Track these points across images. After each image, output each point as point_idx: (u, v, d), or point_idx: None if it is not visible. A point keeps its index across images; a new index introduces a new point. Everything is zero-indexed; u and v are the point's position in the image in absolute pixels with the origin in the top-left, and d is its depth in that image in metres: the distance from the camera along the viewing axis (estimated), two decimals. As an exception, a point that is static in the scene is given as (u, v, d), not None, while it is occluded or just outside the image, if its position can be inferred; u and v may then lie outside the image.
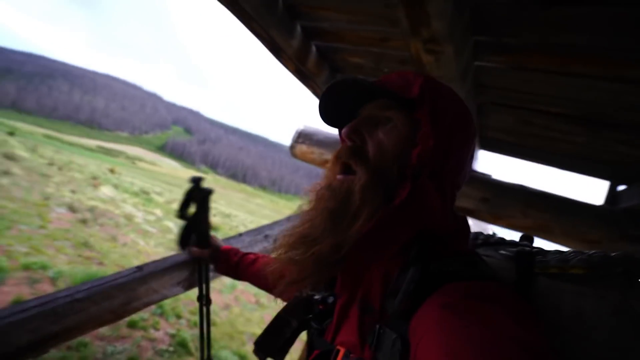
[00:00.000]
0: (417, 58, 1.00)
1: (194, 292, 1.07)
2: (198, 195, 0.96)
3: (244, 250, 1.06)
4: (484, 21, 0.97)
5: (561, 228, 1.75)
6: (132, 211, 9.65)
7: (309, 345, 0.59)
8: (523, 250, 0.54)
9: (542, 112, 1.36)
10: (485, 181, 2.04)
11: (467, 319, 0.37)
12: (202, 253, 1.04)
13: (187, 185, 0.98)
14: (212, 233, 1.04)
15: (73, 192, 9.13)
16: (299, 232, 0.54)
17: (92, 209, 7.90)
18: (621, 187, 1.85)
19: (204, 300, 1.06)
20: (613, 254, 0.47)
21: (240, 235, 1.28)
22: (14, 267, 3.76)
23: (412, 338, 0.42)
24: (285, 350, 0.62)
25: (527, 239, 0.61)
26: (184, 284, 1.03)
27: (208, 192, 0.98)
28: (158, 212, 10.91)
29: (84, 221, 6.83)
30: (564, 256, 0.50)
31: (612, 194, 1.92)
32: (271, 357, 0.62)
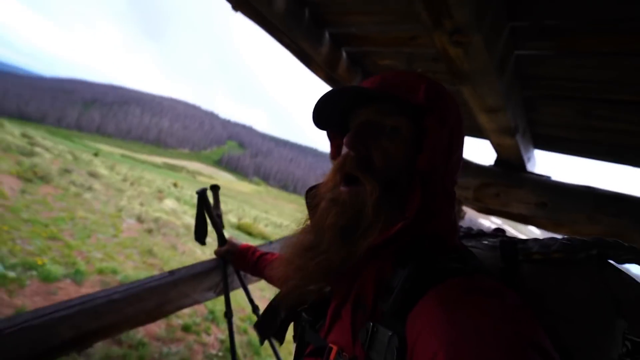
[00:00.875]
0: (444, 53, 0.94)
1: (242, 299, 1.10)
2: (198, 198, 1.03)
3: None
4: (519, 4, 0.88)
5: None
6: (191, 222, 10.38)
7: (299, 337, 0.59)
8: (506, 240, 0.56)
9: (604, 100, 1.18)
10: (542, 183, 1.83)
11: (466, 312, 0.38)
12: (220, 251, 1.09)
13: (238, 196, 1.05)
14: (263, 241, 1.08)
15: (141, 204, 10.15)
16: (303, 241, 0.54)
17: (156, 220, 8.67)
18: None
19: (253, 308, 1.08)
20: (589, 238, 0.49)
21: (271, 243, 1.29)
22: (90, 271, 4.26)
23: (409, 335, 0.41)
24: (283, 332, 0.64)
25: (500, 231, 0.66)
26: (215, 289, 1.06)
27: (203, 190, 1.04)
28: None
29: (149, 231, 7.53)
30: (544, 243, 0.52)
31: None
32: (272, 337, 0.65)
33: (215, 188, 1.11)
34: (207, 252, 7.86)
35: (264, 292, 5.42)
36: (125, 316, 0.80)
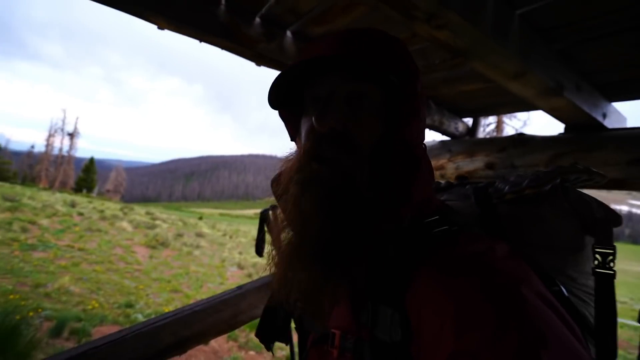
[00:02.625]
0: (434, 39, 0.98)
1: None
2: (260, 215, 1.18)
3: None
4: (493, -29, 0.89)
5: None
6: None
7: (299, 327, 0.58)
8: (477, 186, 0.57)
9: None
10: (631, 137, 1.55)
11: (463, 278, 0.38)
12: None
13: None
14: None
15: (240, 253, 11.26)
16: (291, 244, 0.47)
17: (254, 265, 9.49)
18: None
19: None
20: (550, 168, 0.52)
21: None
22: (206, 316, 4.90)
23: (410, 309, 0.40)
24: (285, 334, 0.62)
25: (464, 178, 0.67)
26: (282, 299, 1.19)
27: (265, 209, 1.18)
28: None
29: (249, 275, 8.27)
30: (513, 182, 0.53)
31: None
32: (276, 341, 0.63)
33: (274, 208, 1.28)
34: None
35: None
36: (209, 325, 0.98)
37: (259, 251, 1.28)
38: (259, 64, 1.47)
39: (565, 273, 0.47)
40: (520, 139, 1.91)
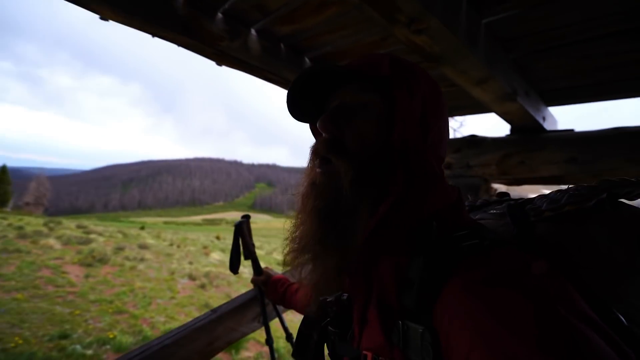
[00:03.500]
0: (410, 43, 0.98)
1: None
2: (234, 228, 1.09)
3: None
4: (467, -21, 0.91)
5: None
6: (239, 269, 10.65)
7: (332, 352, 0.57)
8: (512, 204, 0.54)
9: (597, 37, 1.14)
10: (565, 138, 1.74)
11: (494, 297, 0.36)
12: (256, 280, 1.12)
13: (278, 234, 1.14)
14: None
15: (191, 263, 10.58)
16: (295, 237, 0.53)
17: (207, 274, 8.98)
18: None
19: (287, 335, 1.11)
20: (594, 183, 0.47)
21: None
22: (156, 334, 4.47)
23: (439, 327, 0.39)
24: (319, 355, 0.62)
25: (504, 194, 0.63)
26: (259, 319, 1.10)
27: (238, 223, 1.10)
28: (261, 264, 11.82)
29: (202, 286, 7.80)
30: (551, 198, 0.50)
31: None
32: None
33: (246, 217, 1.18)
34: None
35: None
36: (180, 359, 0.86)
37: (234, 267, 1.17)
38: (220, 63, 1.36)
39: (624, 299, 0.42)
40: (474, 140, 2.04)
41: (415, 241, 0.46)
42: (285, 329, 1.10)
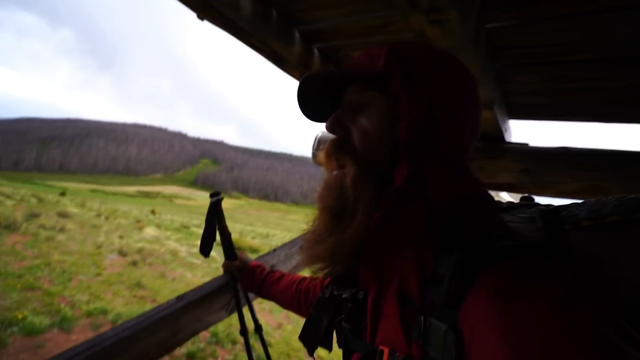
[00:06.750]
0: (421, 33, 0.94)
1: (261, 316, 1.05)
2: (210, 206, 0.99)
3: (282, 265, 1.03)
4: (486, -22, 0.90)
5: (618, 184, 1.57)
6: (176, 247, 10.09)
7: (344, 347, 0.56)
8: (545, 209, 0.51)
9: (571, 62, 1.23)
10: (522, 151, 1.89)
11: (524, 301, 0.35)
12: (229, 265, 1.04)
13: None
14: (251, 254, 1.03)
15: (121, 237, 9.72)
16: (312, 229, 0.55)
17: (140, 251, 8.34)
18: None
19: (256, 327, 1.04)
20: (638, 195, 0.45)
21: (275, 250, 1.25)
22: (78, 316, 4.02)
23: (463, 327, 0.38)
24: (328, 340, 0.62)
25: (529, 199, 0.61)
26: (227, 307, 1.02)
27: (215, 200, 0.99)
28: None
29: (134, 263, 7.22)
30: (591, 207, 0.47)
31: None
32: (319, 346, 0.62)
33: (217, 194, 1.05)
34: (198, 274, 7.63)
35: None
36: (137, 353, 0.74)
37: (205, 250, 1.04)
38: (202, 16, 1.19)
39: None
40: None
41: (442, 235, 0.45)
42: (255, 320, 1.03)
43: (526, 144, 1.96)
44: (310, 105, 0.59)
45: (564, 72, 1.33)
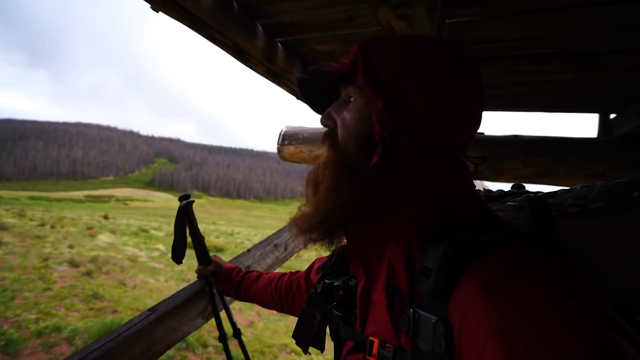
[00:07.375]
0: (388, 27, 0.95)
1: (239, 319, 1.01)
2: (179, 210, 0.94)
3: (258, 265, 1.00)
4: (448, -26, 0.93)
5: (565, 169, 1.73)
6: (135, 252, 9.50)
7: (336, 335, 0.57)
8: (533, 197, 0.52)
9: (527, 56, 1.32)
10: (479, 140, 2.01)
11: (512, 292, 0.35)
12: (204, 270, 1.00)
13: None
14: (217, 254, 0.99)
15: (71, 247, 8.94)
16: (301, 213, 0.58)
17: (94, 259, 7.74)
18: (612, 116, 1.85)
19: (234, 331, 1.00)
20: (625, 180, 0.45)
21: (249, 250, 1.22)
22: (26, 337, 3.64)
23: (452, 319, 0.39)
24: (321, 340, 0.62)
25: (519, 187, 0.62)
26: (203, 314, 0.97)
27: (185, 203, 0.95)
28: (161, 247, 10.76)
29: (88, 273, 6.69)
30: (577, 194, 0.48)
31: (604, 124, 1.91)
32: (311, 346, 0.63)
33: (187, 197, 0.99)
34: (161, 279, 7.25)
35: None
36: (111, 373, 0.68)
37: (178, 257, 0.98)
38: (157, 8, 1.10)
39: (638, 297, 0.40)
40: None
41: (429, 226, 0.45)
42: (233, 324, 0.99)
43: (482, 133, 2.09)
44: (319, 101, 0.64)
45: (521, 65, 1.43)
